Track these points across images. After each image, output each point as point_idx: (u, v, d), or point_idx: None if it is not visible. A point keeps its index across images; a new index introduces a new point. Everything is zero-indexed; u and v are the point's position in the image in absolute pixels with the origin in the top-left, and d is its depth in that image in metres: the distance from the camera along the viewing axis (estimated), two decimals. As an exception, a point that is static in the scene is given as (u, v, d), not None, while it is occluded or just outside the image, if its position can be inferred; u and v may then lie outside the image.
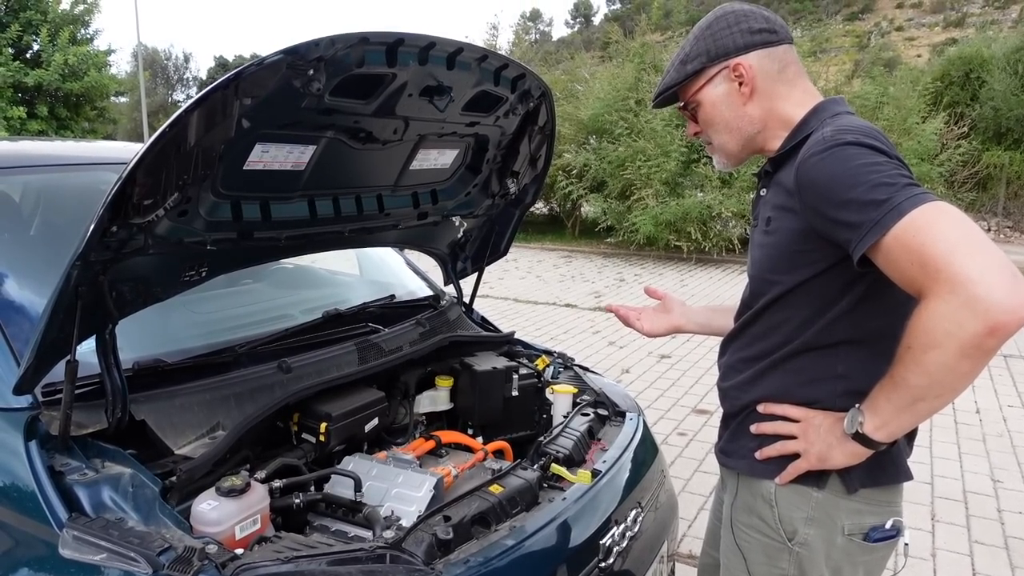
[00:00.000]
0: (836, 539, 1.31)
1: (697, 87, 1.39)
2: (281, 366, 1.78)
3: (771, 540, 1.35)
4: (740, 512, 1.41)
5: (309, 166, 1.69)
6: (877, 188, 1.10)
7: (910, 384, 1.10)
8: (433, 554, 1.38)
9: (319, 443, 1.79)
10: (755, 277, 1.38)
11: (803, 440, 1.29)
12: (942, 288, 1.02)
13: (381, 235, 2.14)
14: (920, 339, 1.07)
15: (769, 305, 1.33)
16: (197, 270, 1.60)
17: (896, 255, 1.08)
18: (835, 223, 1.16)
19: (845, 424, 1.21)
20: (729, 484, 1.48)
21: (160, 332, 1.83)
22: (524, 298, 8.58)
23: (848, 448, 1.22)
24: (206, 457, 1.48)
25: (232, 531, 1.39)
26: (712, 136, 1.43)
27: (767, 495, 1.35)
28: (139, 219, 1.31)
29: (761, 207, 1.39)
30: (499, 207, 2.49)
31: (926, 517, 3.30)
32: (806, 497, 1.31)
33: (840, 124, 1.24)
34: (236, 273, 2.40)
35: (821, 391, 1.30)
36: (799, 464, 1.30)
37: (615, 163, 12.10)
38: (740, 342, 1.43)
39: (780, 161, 1.33)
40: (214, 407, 1.62)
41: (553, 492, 1.69)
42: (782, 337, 1.33)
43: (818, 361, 1.30)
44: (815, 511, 1.31)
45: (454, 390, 2.27)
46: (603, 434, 2.03)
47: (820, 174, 1.17)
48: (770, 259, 1.32)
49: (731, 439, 1.46)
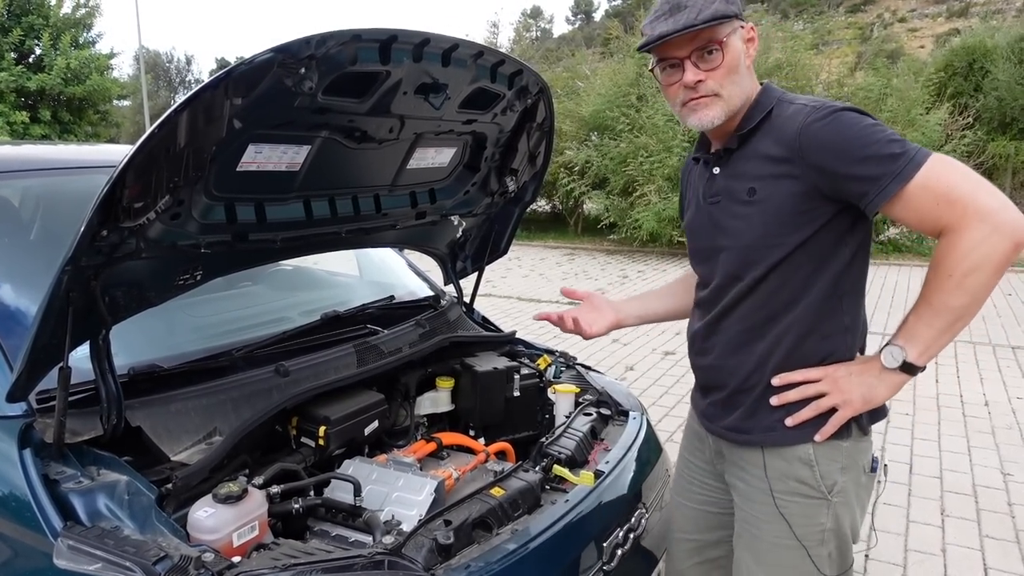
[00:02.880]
0: (861, 478, 1.45)
1: (731, 30, 1.38)
2: (278, 370, 1.75)
3: (812, 499, 1.42)
4: (777, 480, 1.44)
5: (304, 166, 1.67)
6: (891, 143, 1.25)
7: (952, 307, 1.25)
8: (433, 559, 1.36)
9: (318, 447, 1.77)
10: (745, 248, 1.42)
11: (837, 393, 1.38)
12: (972, 219, 1.20)
13: (379, 235, 2.12)
14: (961, 265, 1.22)
15: (770, 271, 1.39)
16: (191, 274, 1.58)
17: (920, 199, 1.24)
18: (851, 179, 1.27)
19: (884, 361, 1.34)
20: (750, 459, 1.49)
21: (156, 337, 1.82)
22: (527, 296, 8.56)
23: (892, 380, 1.35)
24: (202, 463, 1.46)
25: (229, 538, 1.37)
26: (725, 84, 1.38)
27: (805, 457, 1.42)
28: (130, 223, 1.29)
29: (723, 182, 1.45)
30: (498, 205, 2.46)
31: (935, 512, 3.26)
32: (838, 449, 1.42)
33: (807, 98, 1.40)
34: (234, 275, 2.39)
35: (836, 343, 1.41)
36: (842, 414, 1.38)
37: (617, 159, 12.05)
38: (735, 316, 1.46)
39: (747, 136, 1.41)
40: (211, 412, 1.60)
41: (555, 494, 1.66)
42: (788, 297, 1.40)
43: (827, 316, 1.40)
44: (847, 459, 1.42)
45: (455, 391, 2.25)
46: (606, 434, 2.01)
47: (830, 136, 1.29)
48: (764, 226, 1.38)
49: (747, 416, 1.47)
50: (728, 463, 1.57)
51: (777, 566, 1.47)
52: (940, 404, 4.72)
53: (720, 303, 1.48)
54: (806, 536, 1.43)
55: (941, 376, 5.33)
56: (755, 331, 1.44)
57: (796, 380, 1.41)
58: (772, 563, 1.47)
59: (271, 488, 1.51)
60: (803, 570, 1.44)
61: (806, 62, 12.72)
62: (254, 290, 2.34)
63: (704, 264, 1.54)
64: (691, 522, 1.71)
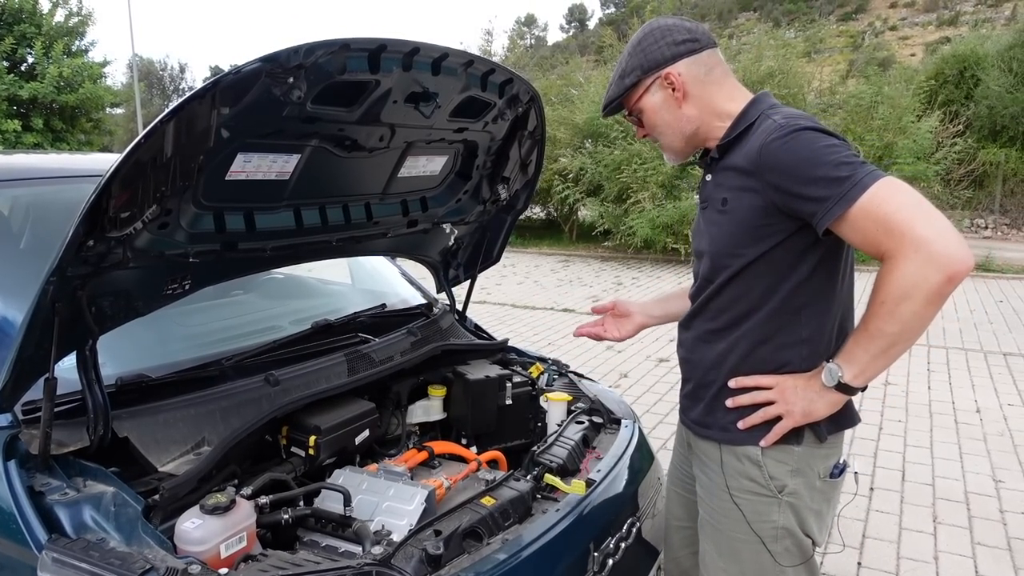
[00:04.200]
0: (815, 483, 1.48)
1: (637, 97, 1.54)
2: (268, 379, 1.75)
3: (762, 496, 1.48)
4: (732, 477, 1.51)
5: (294, 175, 1.67)
6: (840, 166, 1.27)
7: (886, 333, 1.28)
8: (423, 570, 1.35)
9: (308, 457, 1.76)
10: (715, 253, 1.49)
11: (783, 403, 1.43)
12: (907, 249, 1.21)
13: (370, 244, 2.11)
14: (893, 293, 1.24)
15: (733, 277, 1.45)
16: (180, 283, 1.57)
17: (862, 223, 1.25)
18: (800, 198, 1.30)
19: (823, 378, 1.37)
20: (710, 454, 1.56)
21: (145, 346, 1.80)
22: (522, 303, 8.55)
23: (829, 398, 1.39)
24: (190, 474, 1.45)
25: (217, 550, 1.36)
26: (658, 137, 1.59)
27: (754, 457, 1.48)
28: (116, 232, 1.28)
29: (710, 190, 1.52)
30: (491, 213, 2.46)
31: (927, 519, 3.26)
32: (788, 453, 1.47)
33: (786, 112, 1.41)
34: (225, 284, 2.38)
35: (791, 354, 1.45)
36: (784, 424, 1.43)
37: (611, 166, 12.08)
38: (705, 316, 1.54)
39: (727, 147, 1.47)
40: (199, 422, 1.59)
41: (547, 503, 1.66)
42: (747, 305, 1.45)
43: (785, 327, 1.44)
44: (797, 463, 1.47)
45: (447, 399, 2.24)
46: (598, 442, 2.01)
47: (785, 155, 1.32)
48: (731, 236, 1.44)
49: (707, 412, 1.56)
50: (694, 455, 1.64)
51: (737, 558, 1.53)
52: (932, 411, 4.73)
53: (696, 301, 1.57)
54: (761, 531, 1.49)
55: (933, 383, 5.34)
56: (717, 332, 1.52)
57: (749, 385, 1.47)
58: (732, 555, 1.54)
59: (259, 499, 1.50)
60: (762, 562, 1.50)
61: (798, 70, 12.80)
62: (245, 299, 2.33)
63: (696, 264, 1.62)
64: (684, 509, 1.77)
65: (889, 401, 4.89)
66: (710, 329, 1.53)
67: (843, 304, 1.48)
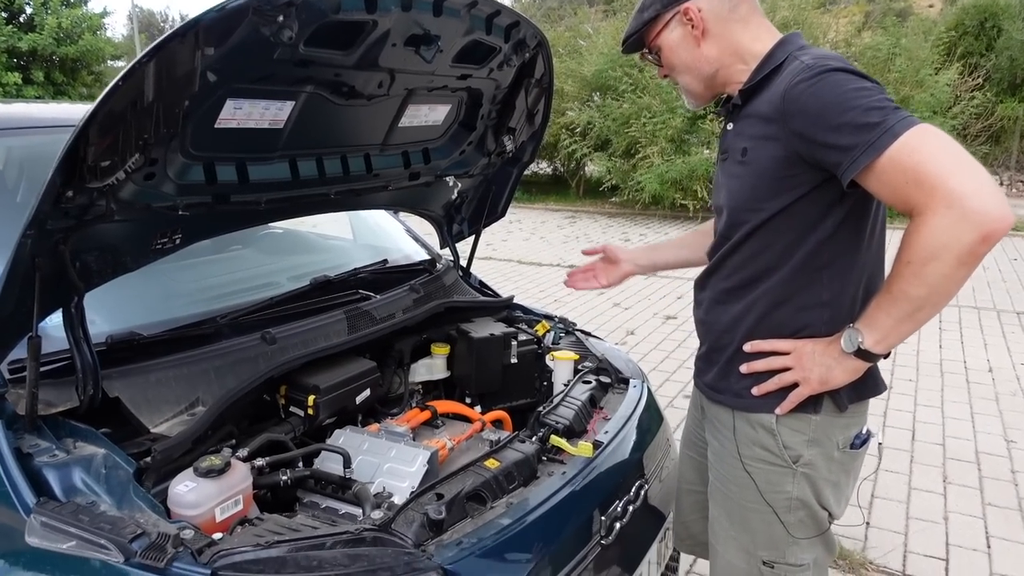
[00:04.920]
0: (833, 454, 1.41)
1: (655, 33, 1.46)
2: (265, 337, 1.69)
3: (776, 466, 1.41)
4: (744, 445, 1.45)
5: (289, 124, 1.58)
6: (870, 112, 1.16)
7: (911, 296, 1.18)
8: (424, 535, 1.31)
9: (307, 417, 1.72)
10: (733, 208, 1.40)
11: (799, 369, 1.35)
12: (939, 204, 1.10)
13: (370, 197, 2.03)
14: (920, 253, 1.14)
15: (751, 234, 1.37)
16: (170, 237, 1.50)
17: (890, 175, 1.15)
18: (824, 147, 1.20)
19: (843, 344, 1.29)
20: (722, 420, 1.50)
21: (137, 303, 1.74)
22: (528, 260, 8.48)
23: (848, 365, 1.30)
24: (183, 436, 1.40)
25: (212, 513, 1.32)
26: (677, 78, 1.50)
27: (768, 426, 1.41)
28: (97, 183, 1.21)
29: (731, 140, 1.42)
30: (496, 166, 2.37)
31: (938, 479, 3.23)
32: (805, 422, 1.39)
33: (817, 53, 1.29)
34: (223, 239, 2.31)
35: (810, 317, 1.36)
36: (800, 391, 1.35)
37: (619, 120, 11.86)
38: (721, 274, 1.46)
39: (751, 92, 1.37)
40: (193, 382, 1.54)
41: (552, 465, 1.61)
42: (766, 263, 1.37)
43: (805, 288, 1.35)
44: (814, 433, 1.39)
45: (451, 358, 2.18)
46: (605, 402, 1.95)
47: (810, 100, 1.21)
48: (751, 188, 1.35)
49: (721, 376, 1.48)
50: (706, 419, 1.58)
51: (748, 527, 1.48)
52: (943, 370, 4.67)
53: (713, 258, 1.49)
54: (774, 501, 1.43)
55: (944, 341, 5.27)
56: (734, 292, 1.44)
57: (765, 349, 1.40)
58: (743, 523, 1.48)
59: (255, 461, 1.45)
60: (774, 532, 1.45)
61: (813, 21, 12.43)
62: (241, 254, 2.26)
63: (716, 219, 1.54)
64: (696, 472, 1.72)
65: (900, 360, 4.83)
66: (725, 288, 1.45)
67: (870, 265, 1.39)
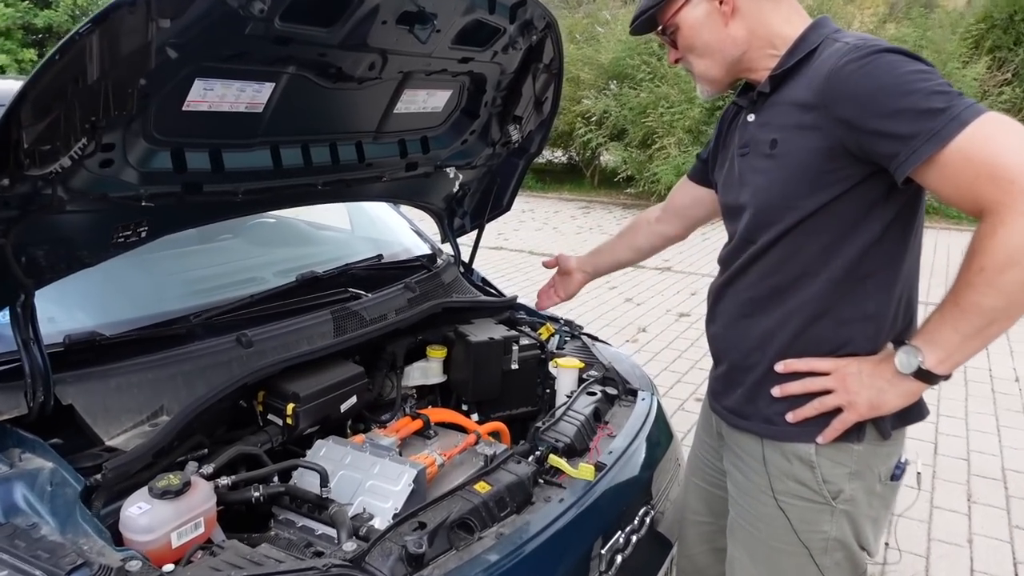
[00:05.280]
0: (876, 487, 1.26)
1: (675, 9, 1.30)
2: (240, 340, 1.56)
3: (813, 502, 1.26)
4: (777, 479, 1.28)
5: (269, 107, 1.44)
6: (932, 96, 1.02)
7: (983, 308, 1.03)
8: (401, 571, 1.17)
9: (286, 427, 1.59)
10: (760, 207, 1.24)
11: (843, 392, 1.19)
12: (1017, 201, 0.96)
13: (363, 188, 1.89)
14: (996, 258, 1.00)
15: (782, 236, 1.21)
16: (133, 230, 1.36)
17: (957, 168, 1.01)
18: (877, 135, 1.06)
19: (898, 364, 1.13)
20: (749, 449, 1.33)
21: (101, 300, 1.61)
22: (540, 251, 8.32)
23: (904, 388, 1.14)
24: (140, 450, 1.27)
25: (167, 539, 1.19)
26: (693, 62, 1.34)
27: (805, 457, 1.24)
28: (38, 169, 1.07)
29: (754, 131, 1.27)
30: (501, 157, 2.23)
31: (962, 498, 3.06)
32: (847, 452, 1.23)
33: (858, 35, 1.16)
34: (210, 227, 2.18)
35: (853, 332, 1.21)
36: (846, 417, 1.19)
37: (636, 110, 11.63)
38: (743, 283, 1.30)
39: (782, 78, 1.22)
40: (158, 388, 1.41)
41: (550, 489, 1.47)
42: (799, 269, 1.22)
43: (848, 298, 1.20)
44: (857, 464, 1.24)
45: (447, 361, 2.05)
46: (611, 416, 1.80)
47: (862, 82, 1.07)
48: (782, 184, 1.20)
49: (747, 400, 1.32)
50: (726, 447, 1.42)
51: (776, 569, 1.32)
52: (967, 378, 4.48)
53: (732, 265, 1.33)
54: (809, 541, 1.27)
55: (968, 347, 5.06)
56: (761, 303, 1.27)
57: (801, 370, 1.23)
58: (770, 565, 1.33)
59: (220, 479, 1.32)
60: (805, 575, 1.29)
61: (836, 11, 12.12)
62: (226, 245, 2.12)
63: (730, 222, 1.37)
64: (704, 503, 1.56)
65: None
66: (751, 299, 1.29)
67: (913, 274, 1.24)
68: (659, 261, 7.64)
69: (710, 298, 1.42)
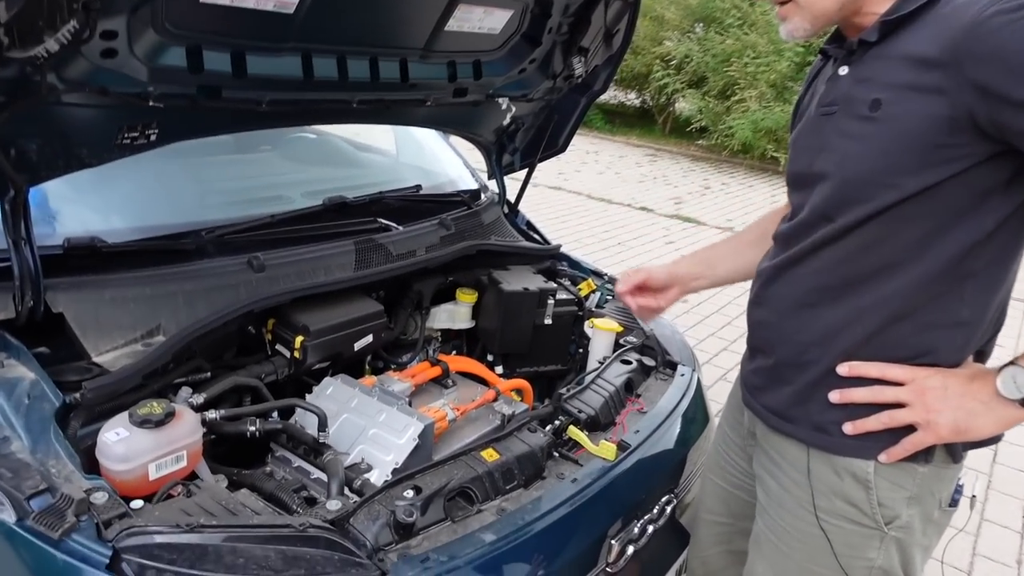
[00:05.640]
0: (934, 514, 1.10)
1: None
2: (251, 262, 1.44)
3: (862, 526, 1.10)
4: (823, 495, 1.11)
5: (302, 9, 1.28)
6: None
7: None
8: (387, 538, 1.07)
9: (293, 360, 1.49)
10: (850, 179, 1.03)
11: (921, 408, 1.01)
12: None
13: (404, 111, 1.73)
14: None
15: (872, 216, 1.01)
16: (141, 132, 1.24)
17: None
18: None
19: (1001, 386, 0.95)
20: (789, 456, 1.16)
21: (113, 204, 1.51)
22: (598, 195, 8.05)
23: (1003, 415, 0.96)
24: (127, 371, 1.18)
25: (144, 470, 1.12)
26: None
27: (861, 475, 1.07)
28: (19, 51, 0.95)
29: (849, 87, 1.04)
30: (561, 92, 2.03)
31: (1016, 514, 2.82)
32: (911, 474, 1.06)
33: None
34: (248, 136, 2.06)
35: (939, 339, 1.02)
36: (921, 438, 1.02)
37: (720, 57, 11.03)
38: (809, 266, 1.10)
39: (895, 26, 1.00)
40: (156, 306, 1.31)
41: (564, 465, 1.34)
42: (884, 259, 1.02)
43: (939, 300, 1.01)
44: (919, 488, 1.07)
45: (477, 307, 1.92)
46: (644, 389, 1.65)
47: (1013, 41, 0.85)
48: (883, 155, 0.99)
49: (796, 401, 1.13)
50: (760, 450, 1.23)
51: None
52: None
53: (797, 245, 1.12)
54: (851, 567, 1.11)
55: (1040, 348, 4.72)
56: (830, 293, 1.08)
57: (871, 375, 1.05)
58: None
59: (208, 413, 1.23)
60: None
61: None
62: (258, 158, 2.00)
63: (798, 192, 1.14)
64: (722, 503, 1.40)
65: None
66: (818, 287, 1.09)
67: (1014, 278, 1.04)
68: (722, 220, 7.32)
69: (760, 278, 1.21)
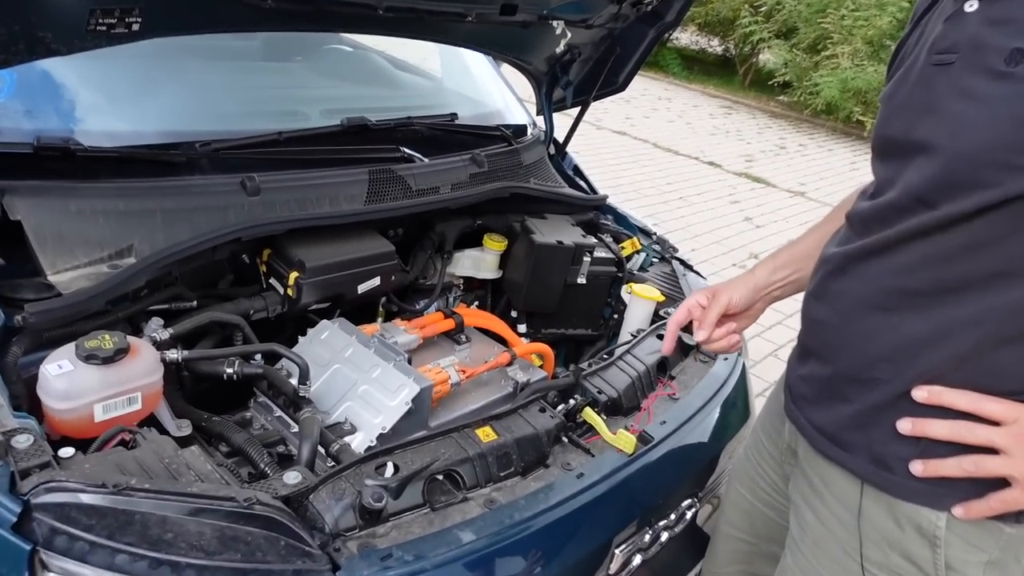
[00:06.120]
0: None
1: None
2: (245, 184, 1.27)
3: None
4: (873, 544, 0.92)
5: None
6: None
7: None
8: (349, 523, 0.92)
9: (287, 297, 1.33)
10: (965, 153, 0.78)
11: (1020, 459, 0.80)
12: None
13: (439, 25, 1.50)
14: None
15: (993, 207, 0.77)
16: (120, 19, 1.06)
17: None
18: None
19: None
20: (836, 489, 0.94)
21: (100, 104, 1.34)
22: (665, 144, 7.66)
23: None
24: (82, 294, 1.04)
25: (89, 411, 0.98)
26: None
27: (928, 529, 0.87)
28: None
29: (973, 30, 0.79)
30: (627, 20, 1.77)
31: None
32: (993, 535, 0.86)
33: None
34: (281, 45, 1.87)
35: None
36: (1015, 497, 0.81)
37: (814, 7, 10.28)
38: (896, 260, 0.86)
39: None
40: (130, 223, 1.16)
41: (573, 454, 1.16)
42: (1000, 262, 0.79)
43: None
44: (1002, 552, 0.86)
45: (505, 256, 1.73)
46: (680, 372, 1.45)
47: None
48: (1018, 126, 0.74)
49: (855, 425, 0.91)
50: (800, 473, 1.02)
51: None
52: None
53: (880, 231, 0.88)
54: None
55: None
56: (915, 298, 0.85)
57: (958, 406, 0.82)
58: None
59: (170, 352, 1.08)
60: None
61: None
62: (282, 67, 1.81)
63: (887, 163, 0.89)
64: (746, 518, 1.20)
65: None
66: (902, 289, 0.85)
67: None
68: (794, 183, 6.89)
69: (825, 265, 0.97)
